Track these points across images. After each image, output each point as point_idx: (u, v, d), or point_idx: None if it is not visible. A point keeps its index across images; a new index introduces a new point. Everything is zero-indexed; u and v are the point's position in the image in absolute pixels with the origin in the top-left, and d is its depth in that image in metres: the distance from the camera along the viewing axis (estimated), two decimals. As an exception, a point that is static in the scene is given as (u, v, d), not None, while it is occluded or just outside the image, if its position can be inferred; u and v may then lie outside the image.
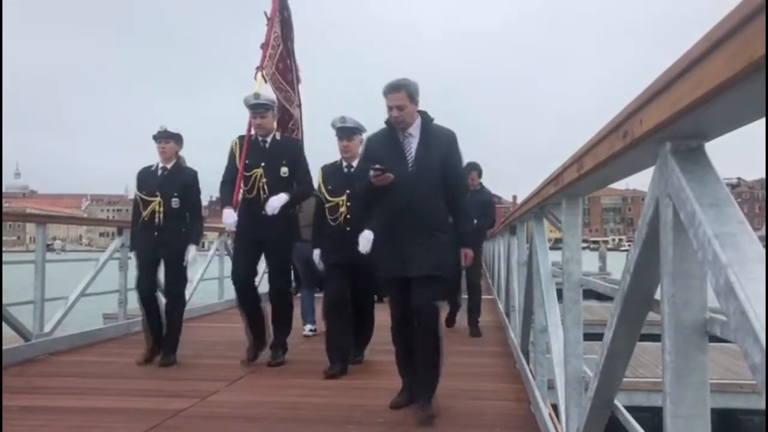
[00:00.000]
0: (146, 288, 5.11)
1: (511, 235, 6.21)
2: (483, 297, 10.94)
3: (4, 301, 5.09)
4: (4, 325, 5.09)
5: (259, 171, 4.89)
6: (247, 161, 4.93)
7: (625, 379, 1.96)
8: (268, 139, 5.00)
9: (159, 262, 5.13)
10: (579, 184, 2.17)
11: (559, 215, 2.76)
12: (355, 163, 4.73)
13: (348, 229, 4.59)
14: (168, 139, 5.13)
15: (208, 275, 9.16)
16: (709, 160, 1.12)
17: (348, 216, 4.64)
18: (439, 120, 3.68)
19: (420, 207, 3.50)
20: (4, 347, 4.89)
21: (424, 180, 3.51)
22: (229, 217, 4.93)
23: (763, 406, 5.45)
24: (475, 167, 7.01)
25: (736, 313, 0.83)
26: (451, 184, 3.61)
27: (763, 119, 1.00)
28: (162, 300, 5.32)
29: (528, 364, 4.35)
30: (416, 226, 3.50)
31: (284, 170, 4.90)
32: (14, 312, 5.24)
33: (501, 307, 7.84)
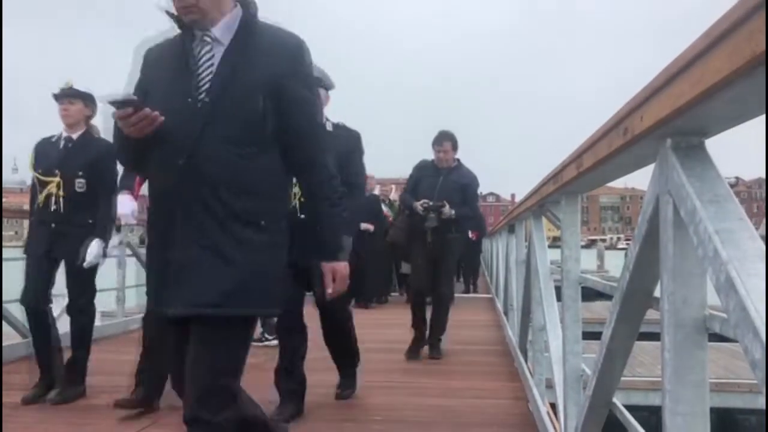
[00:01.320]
0: (33, 298, 3.79)
1: (510, 234, 6.21)
2: (480, 295, 10.98)
3: (2, 298, 5.08)
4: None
5: None
6: None
7: (623, 378, 1.96)
8: None
9: (55, 264, 3.81)
10: (578, 181, 2.16)
11: (558, 213, 2.76)
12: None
13: (302, 216, 2.24)
14: (73, 98, 3.73)
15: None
16: (709, 156, 1.12)
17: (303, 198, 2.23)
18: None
19: (214, 172, 1.78)
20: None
21: (226, 122, 1.80)
22: (125, 205, 3.81)
23: (760, 405, 5.46)
24: (448, 137, 5.22)
25: (736, 310, 0.83)
26: (293, 135, 1.89)
27: (763, 116, 1.00)
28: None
29: (526, 362, 4.35)
30: (203, 210, 1.78)
31: None
32: (12, 309, 5.22)
33: (499, 305, 7.84)
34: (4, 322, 5.12)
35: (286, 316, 3.21)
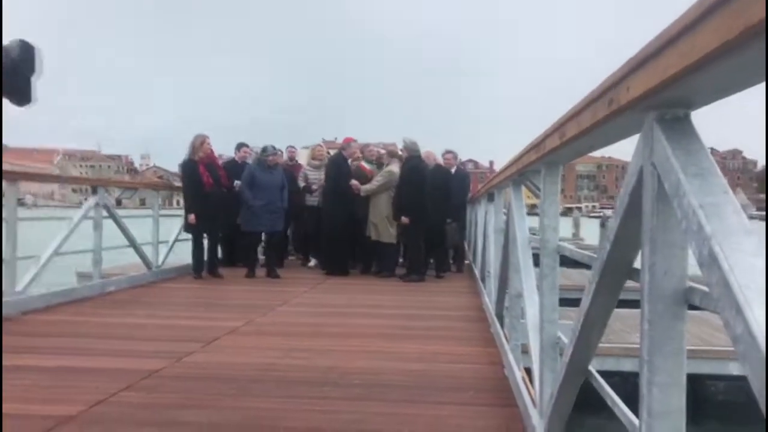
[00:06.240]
0: None
1: (489, 202, 6.23)
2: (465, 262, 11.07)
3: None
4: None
5: None
6: None
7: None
8: None
9: None
10: (560, 151, 2.16)
11: (538, 183, 2.76)
12: None
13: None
14: None
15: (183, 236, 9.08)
16: (695, 129, 1.11)
17: None
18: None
19: None
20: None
21: None
22: None
23: (728, 371, 5.63)
24: None
25: (719, 284, 0.83)
26: None
27: (747, 89, 0.99)
28: None
29: (502, 328, 4.40)
30: None
31: None
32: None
33: (477, 272, 7.90)
34: None
35: None
